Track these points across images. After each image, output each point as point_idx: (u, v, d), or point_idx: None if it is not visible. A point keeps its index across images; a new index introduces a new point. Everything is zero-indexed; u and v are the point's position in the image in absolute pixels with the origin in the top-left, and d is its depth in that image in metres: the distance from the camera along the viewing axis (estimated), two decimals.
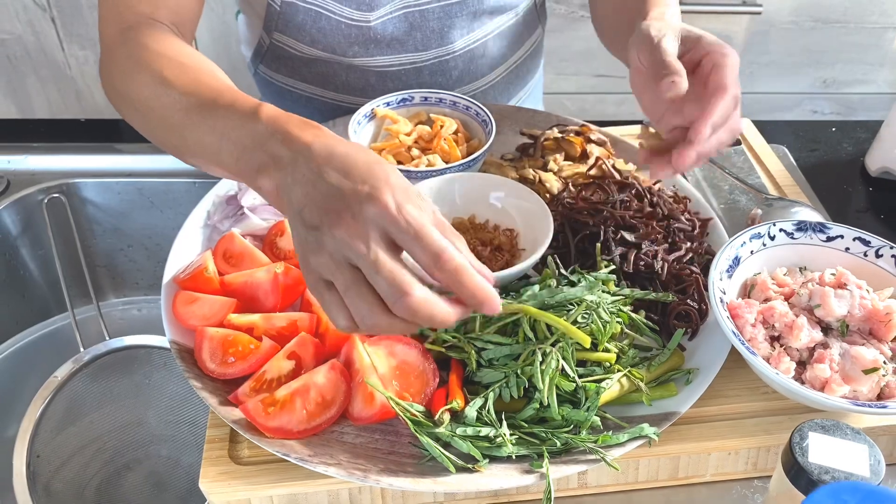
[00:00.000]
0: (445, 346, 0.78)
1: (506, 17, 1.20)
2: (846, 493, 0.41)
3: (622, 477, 0.77)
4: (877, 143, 1.21)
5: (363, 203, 0.61)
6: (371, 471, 0.71)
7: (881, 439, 0.78)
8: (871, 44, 2.27)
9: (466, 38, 1.17)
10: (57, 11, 1.98)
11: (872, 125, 1.24)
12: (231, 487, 0.73)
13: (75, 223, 1.22)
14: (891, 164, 1.18)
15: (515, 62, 1.28)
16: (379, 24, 1.10)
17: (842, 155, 1.25)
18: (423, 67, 1.17)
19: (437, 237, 0.61)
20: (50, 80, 2.12)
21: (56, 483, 1.07)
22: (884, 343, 0.77)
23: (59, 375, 1.08)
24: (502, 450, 0.71)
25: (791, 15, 2.20)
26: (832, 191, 1.16)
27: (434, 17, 1.12)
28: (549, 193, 1.00)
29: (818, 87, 2.38)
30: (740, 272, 0.84)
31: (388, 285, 0.60)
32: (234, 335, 0.81)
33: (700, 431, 0.77)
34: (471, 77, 1.22)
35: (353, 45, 1.12)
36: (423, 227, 0.61)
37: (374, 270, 0.60)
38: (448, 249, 0.61)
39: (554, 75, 2.21)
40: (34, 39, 2.03)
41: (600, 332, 0.76)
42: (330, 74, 1.18)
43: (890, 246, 0.83)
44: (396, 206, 0.61)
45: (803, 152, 1.24)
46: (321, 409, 0.75)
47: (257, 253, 0.92)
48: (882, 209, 1.15)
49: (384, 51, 1.13)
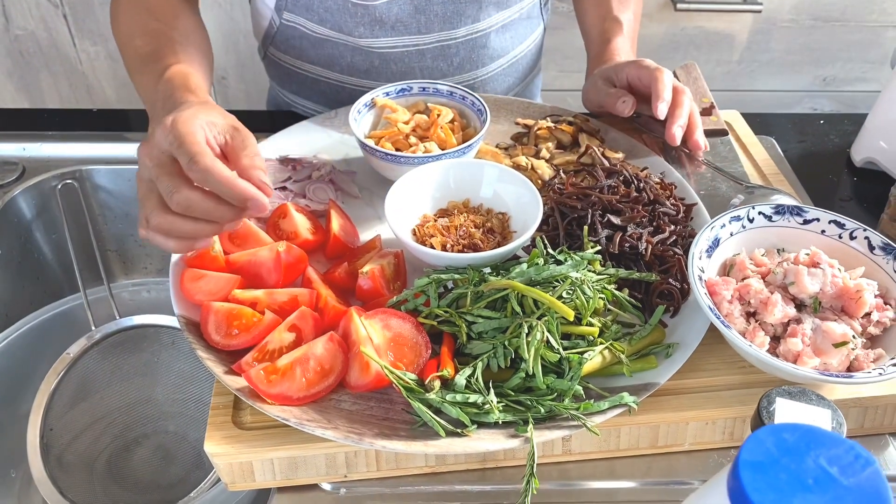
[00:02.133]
0: (438, 321, 0.83)
1: (510, 11, 1.25)
2: (786, 431, 0.45)
3: (604, 444, 0.81)
4: (862, 134, 1.24)
5: (156, 128, 0.77)
6: (366, 435, 0.75)
7: (851, 411, 0.82)
8: (870, 42, 2.30)
9: (470, 27, 1.21)
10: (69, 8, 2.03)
11: (858, 118, 1.28)
12: (234, 450, 0.78)
13: (87, 208, 1.26)
14: (875, 154, 1.22)
15: (516, 56, 1.33)
16: (384, 4, 1.14)
17: (828, 146, 1.29)
18: (425, 51, 1.21)
19: (194, 144, 0.74)
20: (62, 75, 2.16)
21: (68, 455, 1.11)
22: (854, 319, 0.81)
23: (72, 352, 1.12)
24: (490, 416, 0.75)
25: (791, 13, 2.22)
26: (818, 180, 1.20)
27: (439, 1, 1.16)
28: (542, 180, 1.04)
29: (818, 85, 2.40)
30: (720, 252, 0.88)
31: (163, 186, 0.75)
32: (238, 309, 0.85)
33: (679, 402, 0.81)
34: (471, 65, 1.26)
35: (358, 25, 1.17)
36: (184, 137, 0.74)
37: (155, 177, 0.76)
38: (203, 153, 0.74)
39: (556, 72, 2.24)
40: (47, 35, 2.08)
41: (584, 306, 0.80)
42: (336, 56, 1.23)
43: (863, 228, 0.87)
44: (172, 123, 0.76)
45: (791, 143, 1.28)
46: (320, 378, 0.79)
47: (261, 233, 0.96)
48: (865, 198, 1.19)
49: (388, 32, 1.18)
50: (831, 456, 0.45)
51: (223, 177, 0.74)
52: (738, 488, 0.45)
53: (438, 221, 0.96)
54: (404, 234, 0.92)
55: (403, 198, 0.96)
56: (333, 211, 1.00)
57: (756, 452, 0.46)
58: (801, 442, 0.46)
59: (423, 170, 0.98)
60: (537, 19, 1.32)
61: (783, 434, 0.45)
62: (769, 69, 2.35)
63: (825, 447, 0.46)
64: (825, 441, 0.46)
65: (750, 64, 2.31)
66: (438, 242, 0.92)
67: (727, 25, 2.24)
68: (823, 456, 0.45)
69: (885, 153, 1.20)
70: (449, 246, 0.92)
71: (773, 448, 0.46)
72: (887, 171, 1.21)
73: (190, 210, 0.75)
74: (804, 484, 0.44)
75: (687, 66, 1.29)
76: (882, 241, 0.86)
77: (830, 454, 0.45)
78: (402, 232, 0.91)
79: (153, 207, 0.76)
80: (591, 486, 0.81)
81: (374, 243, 0.97)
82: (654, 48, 2.24)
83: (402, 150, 1.06)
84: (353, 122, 1.07)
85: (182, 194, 0.74)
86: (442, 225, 0.95)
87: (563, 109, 1.19)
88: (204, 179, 0.74)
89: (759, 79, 2.36)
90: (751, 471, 0.45)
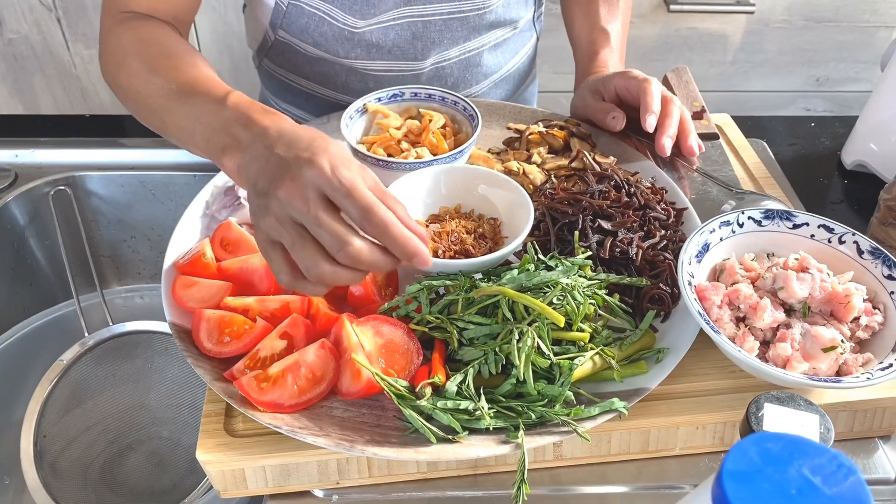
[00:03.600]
0: (429, 327, 0.83)
1: (503, 30, 1.25)
2: (770, 441, 0.46)
3: (595, 449, 0.81)
4: (852, 137, 1.25)
5: (302, 167, 0.69)
6: (357, 442, 0.75)
7: (841, 415, 0.83)
8: (863, 42, 2.31)
9: (462, 46, 1.21)
10: (62, 12, 2.02)
11: (849, 120, 1.28)
12: (226, 458, 0.78)
13: (80, 214, 1.26)
14: (865, 157, 1.22)
15: (509, 71, 1.33)
16: (380, 30, 1.14)
17: (819, 149, 1.29)
18: (420, 74, 1.22)
19: (366, 195, 0.69)
20: (56, 78, 2.16)
21: (62, 462, 1.12)
22: (843, 324, 0.82)
23: (65, 359, 1.13)
24: (481, 422, 0.76)
25: (784, 14, 2.23)
26: (809, 183, 1.21)
27: (436, 28, 1.16)
28: (533, 185, 1.04)
29: (812, 86, 2.41)
30: (710, 257, 0.88)
31: (330, 237, 0.68)
32: (229, 316, 0.85)
33: (669, 407, 0.81)
34: (465, 84, 1.27)
35: (355, 47, 1.17)
36: (354, 186, 0.68)
37: (315, 224, 0.68)
38: (377, 205, 0.68)
39: (551, 74, 2.24)
40: (40, 39, 2.08)
41: (574, 312, 0.80)
42: (331, 74, 1.23)
43: (852, 233, 0.87)
44: (331, 167, 0.68)
45: (782, 146, 1.28)
46: (311, 385, 0.79)
47: (252, 240, 0.96)
48: (856, 201, 1.20)
49: (385, 56, 1.18)
50: (814, 465, 0.46)
51: (399, 233, 0.69)
52: (722, 498, 0.45)
53: (430, 227, 0.96)
54: None
55: None
56: None
57: (740, 462, 0.46)
58: (784, 451, 0.46)
59: (413, 175, 0.98)
60: (530, 31, 1.33)
61: (767, 444, 0.45)
62: (762, 70, 2.35)
63: (809, 457, 0.46)
64: (809, 451, 0.46)
65: (743, 65, 2.32)
66: (430, 248, 0.92)
67: (720, 26, 2.24)
68: (807, 465, 0.46)
69: (876, 156, 1.21)
70: (440, 252, 0.92)
71: (757, 458, 0.46)
72: (877, 174, 1.21)
73: (357, 263, 0.70)
74: (787, 494, 0.45)
75: (678, 69, 1.29)
76: (871, 246, 0.86)
77: (814, 464, 0.46)
78: None
79: (313, 257, 0.69)
80: (583, 490, 0.82)
81: None
82: (647, 49, 2.24)
83: (394, 155, 1.06)
84: (345, 127, 1.07)
85: (355, 248, 0.68)
86: (433, 231, 0.95)
87: (555, 114, 1.19)
88: (380, 234, 0.69)
89: (752, 79, 2.37)
90: (734, 481, 0.45)
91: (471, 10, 1.16)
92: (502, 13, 1.20)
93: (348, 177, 0.69)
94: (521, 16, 1.24)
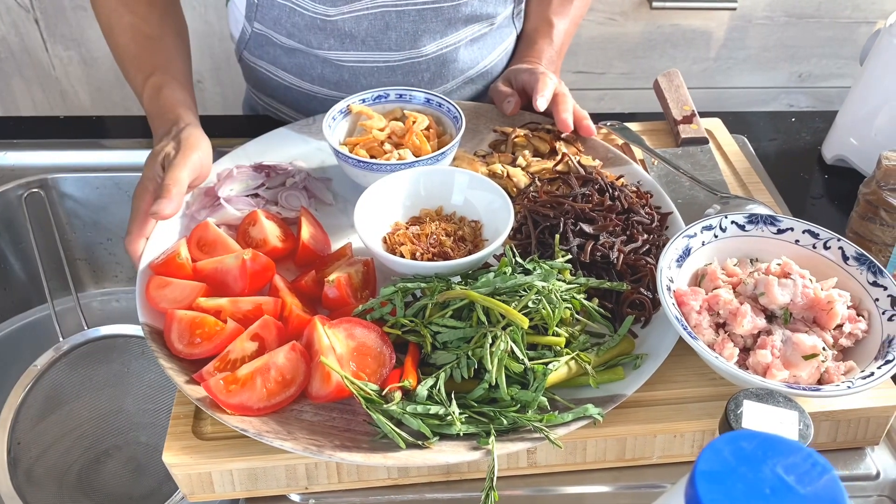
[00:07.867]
0: (403, 330, 0.81)
1: (480, 25, 1.24)
2: (744, 440, 0.44)
3: (570, 457, 0.79)
4: (832, 132, 1.24)
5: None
6: (326, 446, 0.73)
7: (823, 424, 0.81)
8: (844, 38, 2.31)
9: (438, 42, 1.20)
10: (40, 13, 2.01)
11: (830, 115, 1.28)
12: (192, 461, 0.76)
13: (54, 217, 1.24)
14: (845, 152, 1.22)
15: (486, 67, 1.32)
16: (353, 20, 1.13)
17: (800, 144, 1.29)
18: (395, 67, 1.20)
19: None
20: (34, 80, 2.14)
21: (37, 469, 1.09)
22: (826, 331, 0.80)
23: (39, 364, 1.10)
24: (452, 428, 0.74)
25: (766, 10, 2.23)
26: (790, 178, 1.20)
27: (409, 19, 1.15)
28: (517, 188, 1.03)
29: (794, 82, 2.41)
30: (691, 262, 0.86)
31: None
32: (201, 317, 0.83)
33: (647, 414, 0.79)
34: (442, 80, 1.26)
35: (328, 37, 1.16)
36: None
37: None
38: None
39: None
40: (18, 41, 2.06)
41: (549, 316, 0.78)
42: (307, 66, 1.22)
43: (837, 238, 0.86)
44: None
45: (763, 141, 1.27)
46: (281, 388, 0.78)
47: (230, 241, 0.94)
48: (836, 196, 1.19)
49: (358, 46, 1.17)
50: (788, 464, 0.44)
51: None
52: (694, 498, 0.44)
53: (410, 229, 0.95)
54: (373, 242, 0.90)
55: (374, 206, 0.95)
56: (304, 218, 0.98)
57: (713, 462, 0.45)
58: (759, 450, 0.44)
59: (393, 178, 0.97)
60: (509, 28, 1.32)
61: (741, 442, 0.44)
62: (745, 66, 2.35)
63: (783, 455, 0.44)
64: (783, 449, 0.44)
65: (726, 61, 2.32)
66: (408, 251, 0.91)
67: (703, 23, 2.24)
68: (781, 464, 0.44)
69: (856, 150, 1.20)
70: (419, 254, 0.90)
71: (730, 457, 0.45)
72: (857, 169, 1.20)
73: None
74: (761, 493, 0.43)
75: (669, 73, 1.28)
76: (856, 252, 0.85)
77: (788, 462, 0.44)
78: (370, 240, 0.90)
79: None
80: (561, 491, 0.80)
81: (344, 251, 0.96)
82: (630, 47, 2.24)
83: (377, 157, 1.04)
84: (327, 128, 1.05)
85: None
86: (413, 233, 0.94)
87: (543, 117, 1.17)
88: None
89: (735, 76, 2.37)
90: (707, 481, 0.44)
91: (445, 1, 1.15)
92: (478, 7, 1.19)
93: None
94: (499, 11, 1.24)
